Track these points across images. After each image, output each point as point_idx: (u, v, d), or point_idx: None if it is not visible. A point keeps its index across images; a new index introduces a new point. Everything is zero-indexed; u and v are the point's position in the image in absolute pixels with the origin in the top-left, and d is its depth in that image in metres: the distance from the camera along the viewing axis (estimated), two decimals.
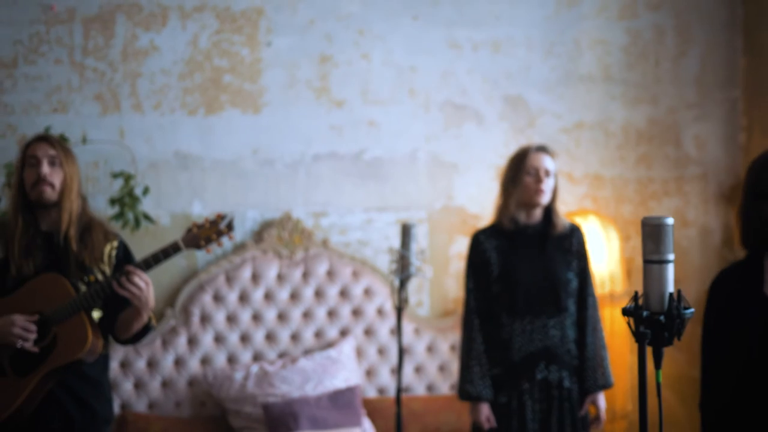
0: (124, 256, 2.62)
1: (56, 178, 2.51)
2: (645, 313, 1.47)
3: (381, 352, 3.90)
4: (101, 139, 3.73)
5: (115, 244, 2.60)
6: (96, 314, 2.53)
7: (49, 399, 2.51)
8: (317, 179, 3.96)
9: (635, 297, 1.49)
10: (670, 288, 1.48)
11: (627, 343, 3.93)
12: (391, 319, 3.89)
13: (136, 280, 2.39)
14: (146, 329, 2.57)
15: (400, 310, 3.02)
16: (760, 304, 2.00)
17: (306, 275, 3.85)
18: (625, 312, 1.50)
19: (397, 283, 3.02)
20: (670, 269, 1.49)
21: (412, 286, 3.97)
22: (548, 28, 4.17)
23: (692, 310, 1.48)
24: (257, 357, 3.77)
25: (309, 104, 3.95)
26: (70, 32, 3.75)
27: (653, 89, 4.28)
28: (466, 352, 2.85)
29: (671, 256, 1.48)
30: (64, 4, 3.74)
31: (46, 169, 2.50)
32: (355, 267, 3.90)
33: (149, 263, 2.43)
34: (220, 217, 2.48)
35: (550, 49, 4.18)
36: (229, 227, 2.49)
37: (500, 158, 3.98)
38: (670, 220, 1.49)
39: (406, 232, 2.97)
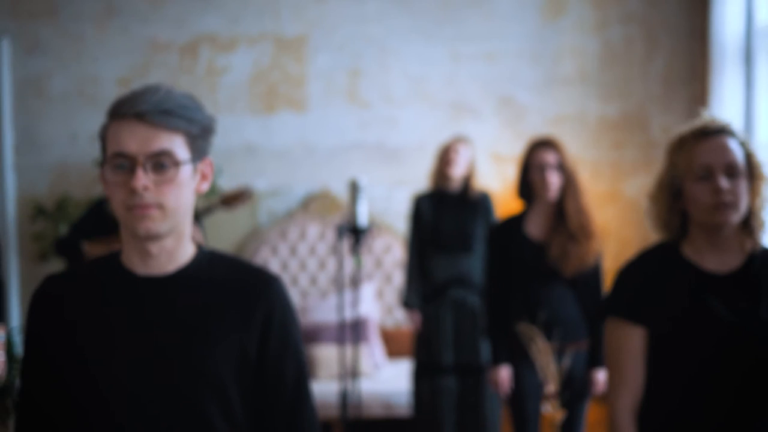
0: None
1: None
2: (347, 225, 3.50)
3: (398, 294, 5.47)
4: None
5: None
6: None
7: None
8: (349, 162, 5.57)
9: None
10: (364, 215, 3.49)
11: None
12: None
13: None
14: None
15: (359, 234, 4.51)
16: (520, 240, 3.48)
17: (336, 243, 5.47)
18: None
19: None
20: (363, 204, 3.52)
21: None
22: (534, 40, 5.63)
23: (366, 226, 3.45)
24: (303, 294, 5.43)
25: (343, 106, 5.59)
26: (168, 57, 5.53)
27: (624, 87, 5.66)
28: (408, 276, 4.40)
29: (362, 202, 3.50)
30: (164, 37, 5.52)
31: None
32: (378, 228, 5.49)
33: (198, 216, 4.12)
34: (240, 191, 4.16)
35: (536, 57, 5.64)
36: (248, 196, 4.16)
37: (494, 146, 5.51)
38: (360, 182, 3.45)
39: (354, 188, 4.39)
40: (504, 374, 3.49)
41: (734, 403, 1.87)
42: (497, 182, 5.46)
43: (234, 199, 4.14)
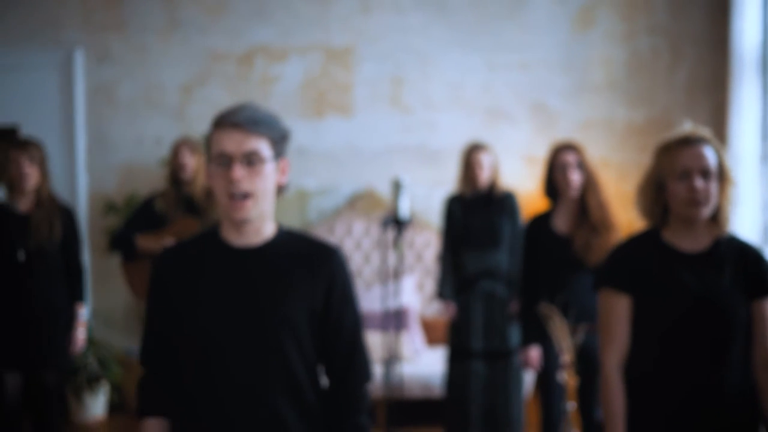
0: None
1: (190, 167, 4.75)
2: (391, 218, 3.86)
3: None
4: None
5: None
6: None
7: None
8: (392, 164, 6.07)
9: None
10: (405, 208, 3.87)
11: None
12: None
13: None
14: None
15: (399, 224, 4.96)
16: (548, 234, 3.95)
17: (380, 234, 5.97)
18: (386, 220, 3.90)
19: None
20: (405, 200, 3.88)
21: None
22: (565, 50, 6.08)
23: (408, 218, 3.89)
24: None
25: (386, 111, 6.09)
26: (226, 66, 6.08)
27: (650, 95, 6.09)
28: (442, 270, 4.86)
29: (404, 198, 3.88)
30: (222, 48, 6.07)
31: (186, 159, 4.75)
32: (419, 225, 5.98)
33: None
34: None
35: (567, 66, 6.09)
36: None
37: (527, 150, 5.98)
38: (402, 181, 3.89)
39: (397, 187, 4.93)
40: (534, 353, 3.96)
41: (701, 356, 2.33)
42: (531, 183, 5.91)
43: None
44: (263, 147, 2.02)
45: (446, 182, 5.95)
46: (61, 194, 5.39)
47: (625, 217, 5.74)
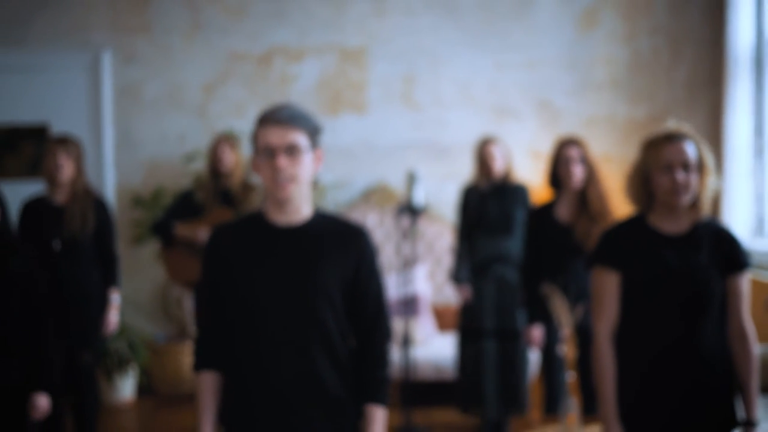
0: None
1: (229, 162, 5.11)
2: (406, 206, 4.13)
3: (447, 275, 6.30)
4: None
5: (258, 195, 5.16)
6: None
7: None
8: (404, 159, 6.42)
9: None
10: (419, 198, 4.20)
11: None
12: None
13: None
14: None
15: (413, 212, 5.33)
16: (551, 223, 4.30)
17: (396, 222, 6.32)
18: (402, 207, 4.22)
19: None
20: (419, 190, 4.17)
21: None
22: (569, 49, 6.42)
23: (422, 207, 4.21)
24: None
25: (398, 108, 6.44)
26: (246, 66, 6.44)
27: (651, 92, 6.43)
28: (457, 256, 5.20)
29: (418, 188, 4.19)
30: (242, 48, 6.43)
31: (225, 154, 5.11)
32: (430, 217, 6.33)
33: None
34: None
35: (571, 65, 6.43)
36: None
37: (533, 145, 6.32)
38: (416, 173, 4.24)
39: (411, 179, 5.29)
40: (537, 332, 4.32)
41: (682, 326, 2.66)
42: (536, 177, 6.24)
43: None
44: (302, 139, 2.36)
45: (456, 176, 6.29)
46: None
47: (626, 208, 6.09)
